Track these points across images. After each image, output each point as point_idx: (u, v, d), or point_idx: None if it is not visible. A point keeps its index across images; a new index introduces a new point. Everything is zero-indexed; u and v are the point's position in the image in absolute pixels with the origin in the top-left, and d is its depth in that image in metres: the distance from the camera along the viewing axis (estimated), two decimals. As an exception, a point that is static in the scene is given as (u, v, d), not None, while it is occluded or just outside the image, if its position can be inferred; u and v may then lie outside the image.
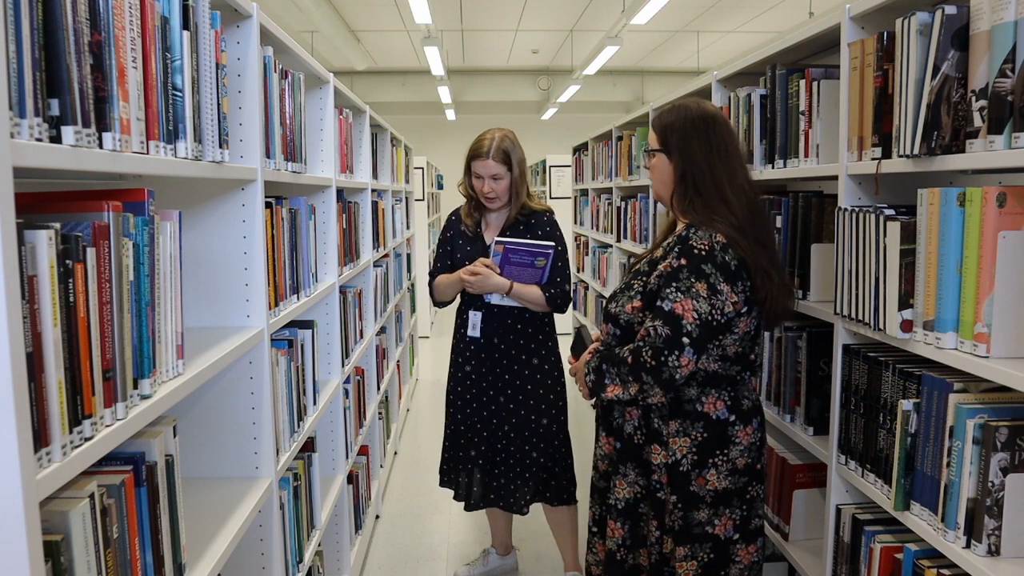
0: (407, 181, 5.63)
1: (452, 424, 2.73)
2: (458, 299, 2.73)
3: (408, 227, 5.69)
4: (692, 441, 1.73)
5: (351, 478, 2.86)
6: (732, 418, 1.75)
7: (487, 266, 2.49)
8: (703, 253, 1.66)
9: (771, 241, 1.78)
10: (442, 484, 2.80)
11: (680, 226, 1.79)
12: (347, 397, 2.79)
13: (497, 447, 2.65)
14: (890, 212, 1.57)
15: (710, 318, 1.63)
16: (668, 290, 1.64)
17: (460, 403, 2.69)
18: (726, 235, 1.67)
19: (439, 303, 2.75)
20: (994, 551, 1.35)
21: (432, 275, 2.75)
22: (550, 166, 8.28)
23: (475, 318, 2.63)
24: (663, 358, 1.61)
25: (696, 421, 1.73)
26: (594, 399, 1.87)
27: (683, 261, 1.66)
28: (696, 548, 1.75)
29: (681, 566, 1.75)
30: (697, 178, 1.73)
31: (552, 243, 2.52)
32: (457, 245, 2.70)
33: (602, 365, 1.73)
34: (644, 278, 1.75)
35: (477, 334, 2.63)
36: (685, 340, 1.60)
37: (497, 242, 2.49)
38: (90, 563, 0.93)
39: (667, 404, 1.74)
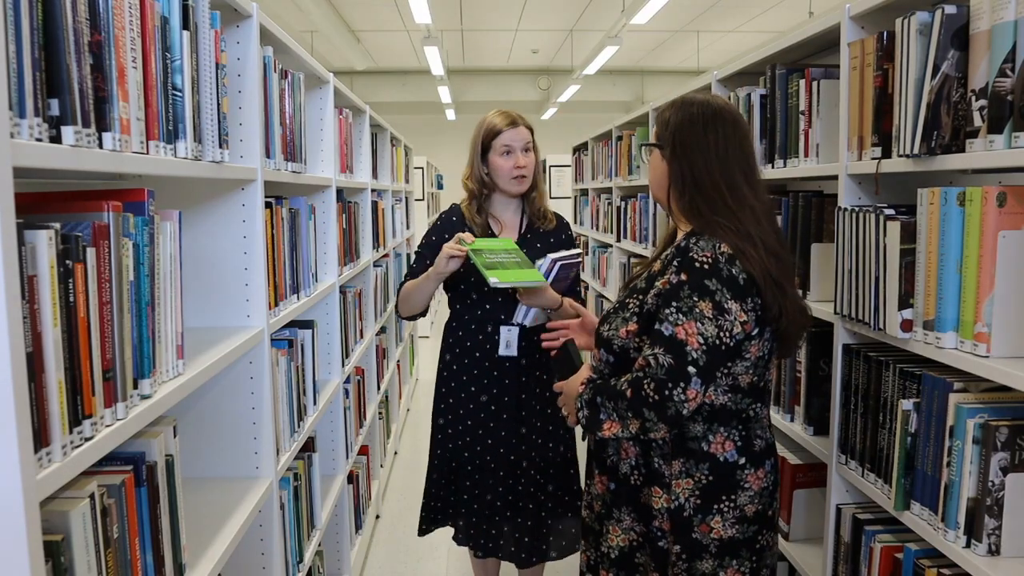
0: (407, 181, 5.64)
1: (450, 459, 2.31)
2: (438, 311, 2.35)
3: (408, 227, 5.69)
4: (696, 483, 1.51)
5: (351, 478, 2.86)
6: (742, 460, 1.52)
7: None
8: (706, 267, 1.43)
9: (784, 249, 1.54)
10: (424, 532, 2.36)
11: (680, 235, 1.58)
12: (347, 397, 2.79)
13: (509, 483, 2.27)
14: (890, 212, 1.57)
15: (718, 342, 1.40)
16: (668, 311, 1.42)
17: (465, 435, 2.28)
18: (732, 245, 1.45)
19: (408, 316, 2.29)
20: (994, 551, 1.35)
21: (402, 284, 2.29)
22: (550, 166, 8.31)
23: (509, 335, 2.22)
24: (667, 391, 1.38)
25: (701, 462, 1.51)
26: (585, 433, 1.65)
27: (683, 276, 1.43)
28: None
29: None
30: (696, 177, 1.51)
31: (579, 250, 2.22)
32: None
33: (596, 398, 1.50)
34: (640, 296, 1.52)
35: (514, 352, 2.23)
36: (691, 370, 1.38)
37: (552, 260, 2.10)
38: (90, 563, 0.93)
39: (669, 441, 1.53)
